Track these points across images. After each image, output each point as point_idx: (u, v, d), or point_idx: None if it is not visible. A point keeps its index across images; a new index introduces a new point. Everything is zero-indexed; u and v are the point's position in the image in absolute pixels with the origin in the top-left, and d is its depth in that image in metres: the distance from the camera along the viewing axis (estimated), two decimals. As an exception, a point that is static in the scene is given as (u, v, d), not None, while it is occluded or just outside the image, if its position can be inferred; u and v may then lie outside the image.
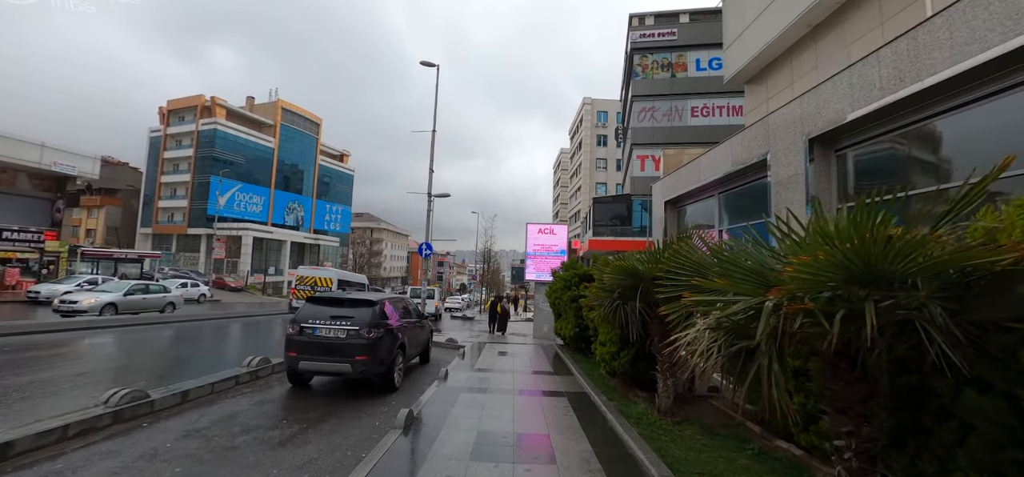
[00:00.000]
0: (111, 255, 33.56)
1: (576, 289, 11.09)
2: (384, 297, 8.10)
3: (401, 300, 9.29)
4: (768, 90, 13.69)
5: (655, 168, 30.52)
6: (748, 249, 3.06)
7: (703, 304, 2.85)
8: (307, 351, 7.06)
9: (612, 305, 6.00)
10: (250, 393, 7.19)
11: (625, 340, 7.04)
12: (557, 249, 17.49)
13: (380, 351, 7.23)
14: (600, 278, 6.35)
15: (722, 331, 2.74)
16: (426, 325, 10.47)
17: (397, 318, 8.28)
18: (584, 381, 8.19)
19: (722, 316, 2.58)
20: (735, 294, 2.60)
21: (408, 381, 8.56)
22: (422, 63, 16.28)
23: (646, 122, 31.01)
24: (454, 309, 37.03)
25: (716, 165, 9.90)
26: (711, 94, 30.16)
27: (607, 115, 63.57)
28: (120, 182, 68.96)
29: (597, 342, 8.92)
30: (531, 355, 11.81)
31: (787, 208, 5.31)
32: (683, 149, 14.88)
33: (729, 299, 2.64)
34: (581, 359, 10.70)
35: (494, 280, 68.82)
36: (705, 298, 2.83)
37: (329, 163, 76.77)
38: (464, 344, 13.41)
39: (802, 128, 6.89)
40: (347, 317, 7.21)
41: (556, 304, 13.15)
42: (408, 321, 8.92)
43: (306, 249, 69.91)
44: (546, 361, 10.82)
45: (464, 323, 27.22)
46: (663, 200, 12.93)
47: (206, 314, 20.26)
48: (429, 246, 15.79)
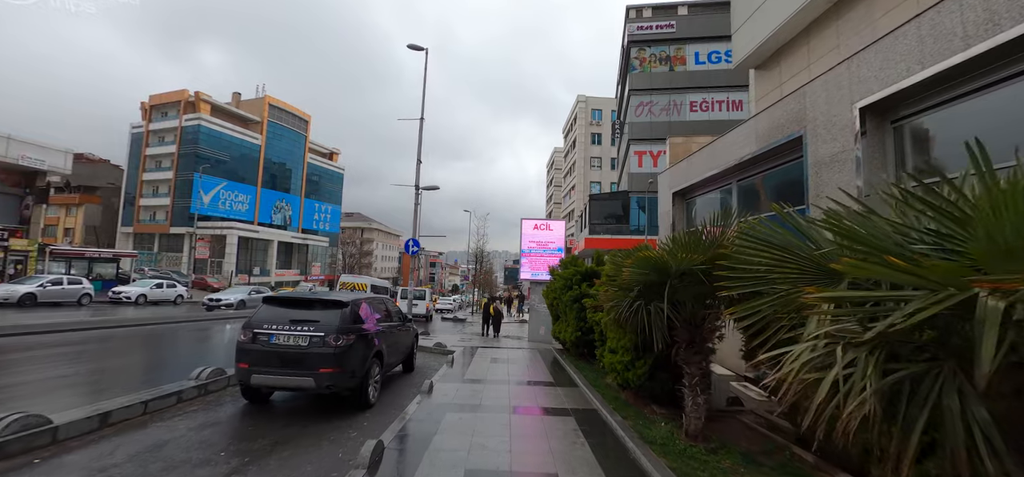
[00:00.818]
0: (83, 254, 31.86)
1: (578, 288, 9.99)
2: (358, 297, 6.92)
3: (380, 301, 8.13)
4: (781, 74, 12.70)
5: (653, 164, 29.59)
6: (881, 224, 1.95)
7: (837, 304, 1.74)
8: (262, 362, 5.87)
9: (631, 307, 4.88)
10: (194, 413, 5.98)
11: (643, 347, 5.93)
12: (554, 246, 16.39)
13: (351, 361, 6.06)
14: (616, 273, 5.23)
15: (867, 350, 1.62)
16: (410, 328, 9.31)
17: (374, 322, 7.12)
18: (591, 394, 7.08)
19: (893, 320, 1.46)
20: (914, 288, 1.49)
21: (387, 394, 7.39)
22: (409, 46, 15.12)
23: (644, 117, 30.06)
24: (445, 310, 35.80)
25: (735, 149, 8.85)
26: (711, 88, 29.29)
27: (602, 113, 62.72)
28: (101, 180, 66.78)
29: (604, 348, 7.81)
30: (528, 362, 10.69)
31: (841, 188, 4.25)
32: (691, 137, 13.85)
33: (899, 296, 1.53)
34: (583, 367, 9.59)
35: (487, 281, 67.62)
36: (845, 295, 1.71)
37: (318, 161, 75.12)
38: (454, 349, 12.25)
39: (850, 96, 5.84)
40: (310, 321, 6.03)
41: (554, 305, 12.04)
42: (388, 325, 7.76)
43: (294, 249, 68.23)
44: (545, 369, 9.70)
45: (455, 325, 26.02)
46: (670, 191, 11.87)
47: (175, 316, 18.89)
48: (416, 242, 14.61)
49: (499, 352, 12.31)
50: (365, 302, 7.26)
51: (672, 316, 4.85)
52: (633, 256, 4.86)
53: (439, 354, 12.03)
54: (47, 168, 32.27)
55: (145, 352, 10.79)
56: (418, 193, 14.97)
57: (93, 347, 10.53)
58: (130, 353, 10.39)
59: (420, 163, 14.87)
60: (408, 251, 14.57)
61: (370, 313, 7.18)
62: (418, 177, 14.84)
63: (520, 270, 16.87)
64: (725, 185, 9.64)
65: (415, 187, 14.87)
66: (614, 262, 5.33)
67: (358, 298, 7.01)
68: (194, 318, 19.32)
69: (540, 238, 16.47)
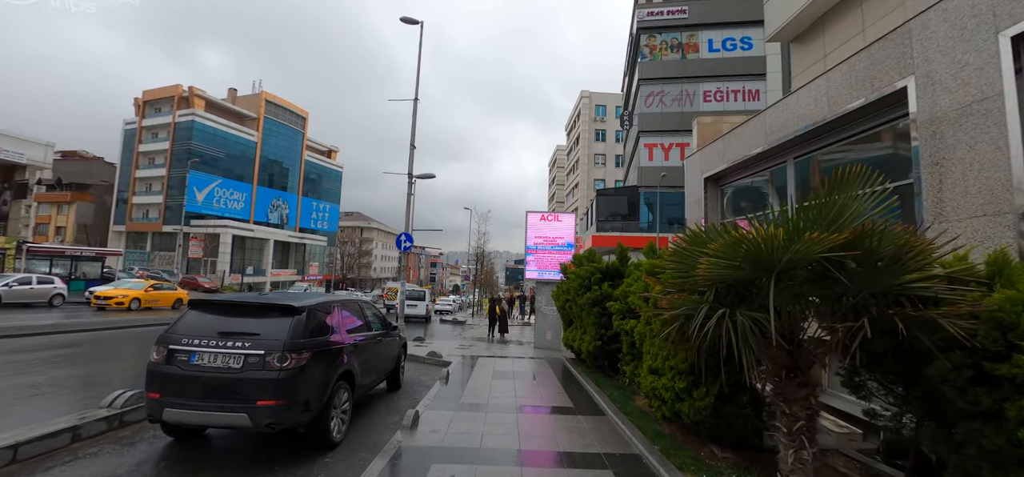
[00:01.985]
0: (64, 252, 30.30)
1: (598, 289, 8.35)
2: (319, 300, 5.30)
3: (355, 304, 6.51)
4: (825, 44, 11.06)
5: (664, 157, 27.96)
6: None
7: None
8: (178, 391, 4.25)
9: (708, 316, 3.22)
10: (90, 458, 4.38)
11: (704, 369, 4.29)
12: (563, 242, 14.75)
13: (304, 388, 4.44)
14: (684, 267, 3.57)
15: None
16: (396, 337, 7.68)
17: (345, 332, 5.51)
18: (624, 428, 5.43)
19: None
20: None
21: (361, 423, 5.77)
22: (403, 20, 13.51)
23: (654, 107, 28.40)
24: (444, 312, 34.15)
25: (795, 118, 7.21)
26: (726, 77, 27.63)
27: (606, 109, 61.15)
28: (94, 177, 65.39)
29: (636, 365, 6.17)
30: (537, 376, 9.04)
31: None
32: (721, 117, 12.20)
33: None
34: (604, 384, 7.95)
35: (488, 281, 66.00)
36: None
37: (316, 159, 73.60)
38: (451, 359, 10.61)
39: (994, 24, 4.21)
40: (247, 335, 4.41)
41: (567, 308, 10.41)
42: (365, 336, 6.15)
43: (291, 248, 66.75)
44: (558, 387, 8.04)
45: (454, 328, 24.38)
46: (702, 177, 10.23)
47: (144, 320, 17.28)
48: (409, 237, 12.98)
49: (503, 363, 10.67)
50: (337, 306, 5.66)
51: (768, 330, 3.20)
52: (721, 240, 3.20)
53: (433, 365, 10.41)
54: (26, 161, 30.75)
55: (89, 363, 9.17)
56: (412, 182, 13.34)
57: (35, 356, 8.92)
58: (73, 364, 8.76)
59: (413, 148, 13.25)
60: (400, 246, 12.95)
61: (341, 320, 5.57)
62: (411, 164, 13.22)
63: (525, 268, 15.23)
64: (778, 163, 7.99)
65: (408, 175, 13.25)
66: (678, 254, 3.68)
67: (323, 301, 5.39)
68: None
69: (548, 233, 14.83)
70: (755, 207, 9.13)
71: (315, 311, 5.01)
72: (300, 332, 4.57)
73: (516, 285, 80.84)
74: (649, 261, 5.51)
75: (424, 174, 13.56)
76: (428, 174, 13.60)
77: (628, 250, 9.34)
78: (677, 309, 3.45)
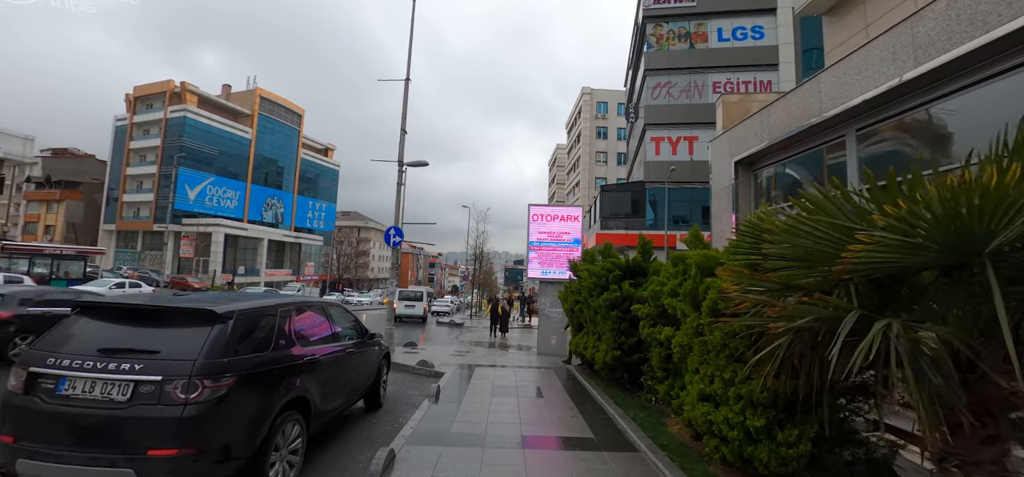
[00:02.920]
0: (42, 250, 28.90)
1: (618, 289, 7.03)
2: (259, 303, 3.98)
3: (319, 307, 5.18)
4: (867, 13, 9.80)
5: (672, 151, 26.67)
6: None
7: None
8: (39, 433, 2.94)
9: (856, 331, 1.90)
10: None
11: (791, 399, 2.98)
12: (569, 238, 13.43)
13: (223, 428, 3.13)
14: (808, 247, 2.23)
15: None
16: (375, 346, 6.37)
17: (301, 344, 4.21)
18: (664, 469, 4.10)
19: None
20: None
21: (320, 464, 4.44)
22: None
23: (661, 99, 27.11)
24: (441, 313, 32.79)
25: (860, 80, 5.91)
26: (736, 67, 26.34)
27: (607, 106, 59.87)
28: (85, 175, 63.98)
29: (676, 386, 4.86)
30: (545, 392, 7.70)
31: None
32: (749, 95, 10.89)
33: None
34: (626, 402, 6.63)
35: (487, 282, 64.66)
36: None
37: (312, 157, 72.24)
38: (444, 368, 9.29)
39: None
40: (139, 353, 3.09)
41: (577, 311, 9.09)
42: (331, 349, 4.84)
43: (287, 248, 65.44)
44: (572, 408, 6.65)
45: (451, 330, 23.05)
46: (732, 160, 8.93)
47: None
48: (399, 231, 11.64)
49: (504, 374, 9.35)
50: (292, 311, 4.36)
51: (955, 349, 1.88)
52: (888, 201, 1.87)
53: (423, 376, 9.09)
54: (3, 155, 29.41)
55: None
56: (402, 171, 12.02)
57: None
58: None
59: (404, 133, 11.93)
60: (389, 241, 11.62)
61: (296, 329, 4.26)
62: (402, 150, 11.89)
63: (527, 267, 13.90)
64: (833, 137, 6.67)
65: (398, 163, 11.92)
66: (794, 231, 2.36)
67: (267, 304, 4.07)
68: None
69: (552, 228, 13.50)
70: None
71: (252, 317, 3.70)
72: (221, 348, 3.25)
73: (515, 285, 79.68)
74: (699, 252, 4.20)
75: (416, 162, 12.23)
76: (420, 161, 12.26)
77: (648, 245, 8.04)
78: (800, 317, 2.11)
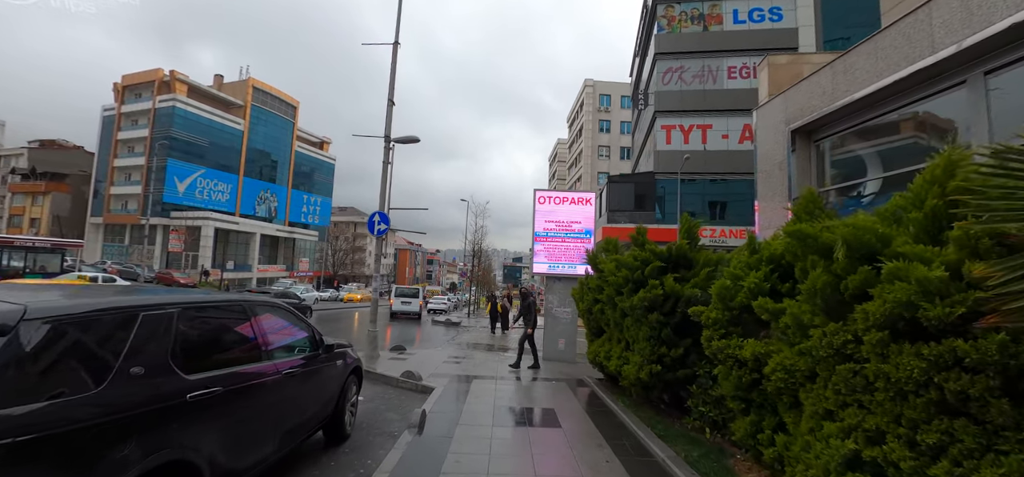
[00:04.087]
0: (12, 242, 27.16)
1: (659, 286, 5.38)
2: (114, 302, 2.34)
3: (240, 307, 3.50)
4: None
5: (683, 140, 25.02)
6: None
7: None
8: None
9: None
10: None
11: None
12: (580, 228, 11.79)
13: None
14: None
15: None
16: (336, 360, 4.73)
17: (198, 371, 2.57)
18: None
19: None
20: None
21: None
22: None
23: (673, 85, 25.44)
24: (437, 311, 31.13)
25: (1000, 5, 4.27)
26: (753, 51, 24.65)
27: (610, 99, 58.22)
28: (72, 167, 62.17)
29: (793, 435, 3.22)
30: (564, 417, 6.04)
31: None
32: (800, 56, 9.24)
33: None
34: (673, 435, 4.99)
35: (485, 279, 63.07)
36: None
37: (307, 150, 70.45)
38: (435, 381, 7.65)
39: None
40: None
41: (596, 313, 7.46)
42: (251, 374, 3.20)
43: (280, 243, 63.69)
44: (603, 446, 4.94)
45: (448, 330, 21.42)
46: (787, 129, 7.29)
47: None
48: (384, 216, 9.97)
49: (507, 388, 7.71)
50: (166, 312, 2.70)
51: None
52: None
53: (410, 391, 7.45)
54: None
55: None
56: (389, 147, 10.35)
57: None
58: None
59: (392, 104, 10.26)
60: (372, 229, 9.96)
61: (180, 345, 2.63)
62: (389, 124, 10.22)
63: (533, 261, 12.26)
64: (945, 86, 5.02)
65: (385, 138, 10.25)
66: None
67: (113, 303, 2.41)
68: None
69: (561, 216, 11.85)
70: (886, 164, 6.19)
71: (75, 325, 2.06)
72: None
73: (514, 283, 78.04)
74: (845, 225, 2.56)
75: (405, 137, 10.55)
76: (410, 137, 10.58)
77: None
78: None
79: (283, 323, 4.03)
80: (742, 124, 24.28)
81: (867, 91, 5.70)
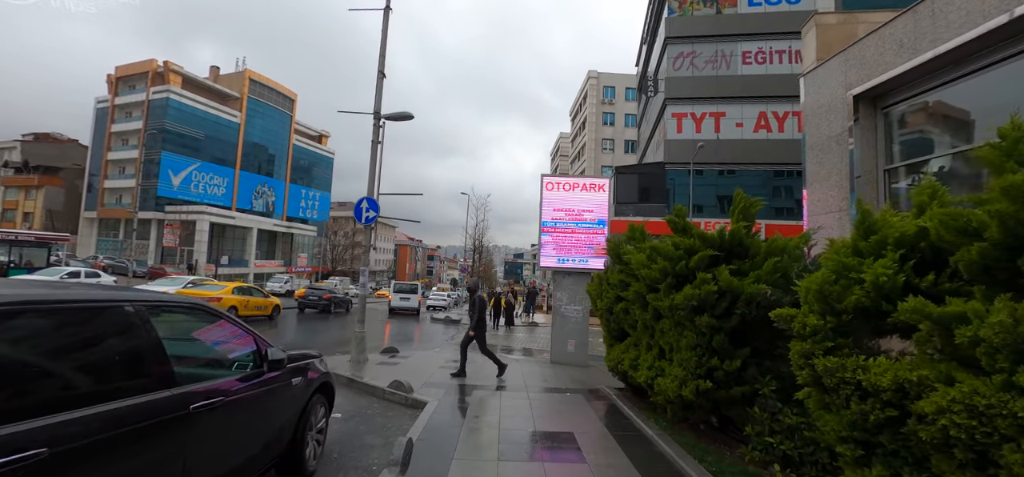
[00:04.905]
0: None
1: (712, 281, 4.20)
2: None
3: (114, 315, 2.32)
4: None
5: (695, 129, 23.80)
6: None
7: None
8: None
9: None
10: None
11: None
12: (592, 217, 10.63)
13: None
14: None
15: None
16: (292, 378, 3.57)
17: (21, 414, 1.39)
18: None
19: None
20: None
21: None
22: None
23: (684, 71, 24.19)
24: (436, 308, 29.99)
25: None
26: (769, 35, 23.41)
27: (614, 91, 56.90)
28: (67, 160, 61.09)
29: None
30: (587, 449, 4.82)
31: None
32: (854, 13, 8.02)
33: None
34: (725, 470, 3.85)
35: (487, 274, 61.96)
36: None
37: (305, 144, 69.27)
38: (428, 394, 6.51)
39: None
40: None
41: (619, 313, 6.30)
42: (146, 412, 2.04)
43: (278, 238, 62.58)
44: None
45: (447, 329, 20.29)
46: (849, 94, 6.10)
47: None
48: (372, 203, 8.81)
49: (515, 403, 6.57)
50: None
51: None
52: None
53: (398, 405, 6.30)
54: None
55: None
56: (379, 124, 9.17)
57: None
58: None
59: (383, 76, 9.08)
60: (359, 217, 8.80)
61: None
62: (379, 97, 9.03)
63: (539, 254, 11.11)
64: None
65: (374, 114, 9.06)
66: None
67: None
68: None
69: (571, 203, 10.68)
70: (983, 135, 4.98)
71: None
72: None
73: (515, 279, 77.21)
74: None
75: (397, 114, 9.37)
76: (403, 114, 9.40)
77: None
78: None
79: (204, 333, 2.87)
80: (757, 112, 23.05)
81: (971, 35, 4.50)
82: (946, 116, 5.45)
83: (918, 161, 5.75)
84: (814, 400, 3.01)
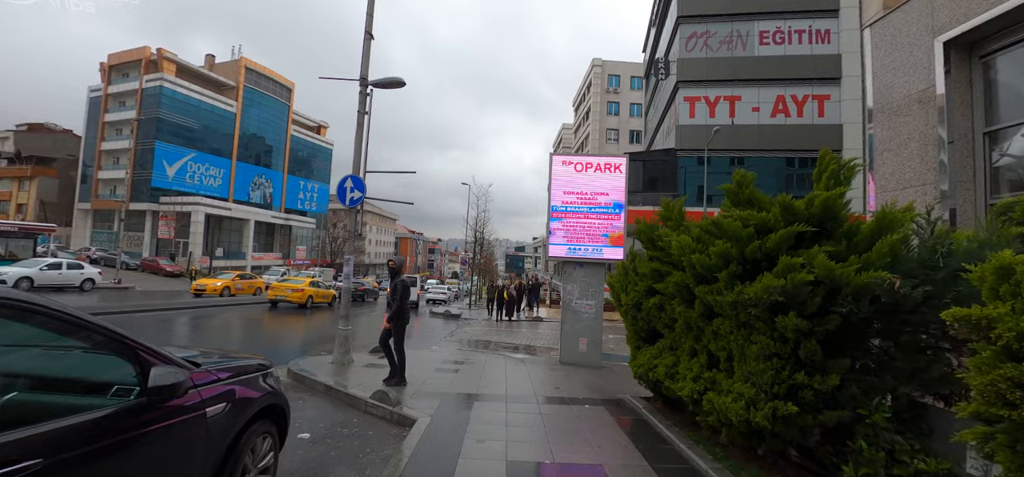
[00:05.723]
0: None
1: (803, 267, 3.05)
2: None
3: None
4: None
5: (709, 114, 22.55)
6: None
7: None
8: None
9: None
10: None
11: None
12: (608, 201, 9.47)
13: None
14: None
15: None
16: (221, 403, 2.47)
17: None
18: None
19: None
20: None
21: None
22: None
23: (698, 52, 22.88)
24: (436, 301, 28.90)
25: None
26: (787, 14, 22.09)
27: (619, 79, 55.43)
28: (60, 151, 60.00)
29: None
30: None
31: None
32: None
33: None
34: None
35: (488, 267, 60.87)
36: None
37: (303, 134, 67.96)
38: (419, 407, 5.40)
39: None
40: None
41: (649, 310, 5.16)
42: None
43: (276, 230, 61.53)
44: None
45: (446, 324, 19.20)
46: (937, 41, 4.92)
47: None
48: (358, 182, 7.64)
49: (524, 417, 5.46)
50: None
51: None
52: None
53: (382, 422, 5.19)
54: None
55: None
56: (367, 92, 7.99)
57: None
58: None
59: (371, 37, 7.90)
60: (343, 198, 7.66)
61: None
62: (366, 62, 7.85)
63: (548, 243, 9.97)
64: None
65: (361, 81, 7.88)
66: None
67: None
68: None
69: (584, 186, 9.51)
70: None
71: None
72: None
73: (516, 272, 76.09)
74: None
75: (386, 80, 8.20)
76: (393, 80, 8.23)
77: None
78: None
79: (37, 345, 1.74)
80: (775, 95, 21.79)
81: None
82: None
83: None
84: (999, 441, 1.88)
